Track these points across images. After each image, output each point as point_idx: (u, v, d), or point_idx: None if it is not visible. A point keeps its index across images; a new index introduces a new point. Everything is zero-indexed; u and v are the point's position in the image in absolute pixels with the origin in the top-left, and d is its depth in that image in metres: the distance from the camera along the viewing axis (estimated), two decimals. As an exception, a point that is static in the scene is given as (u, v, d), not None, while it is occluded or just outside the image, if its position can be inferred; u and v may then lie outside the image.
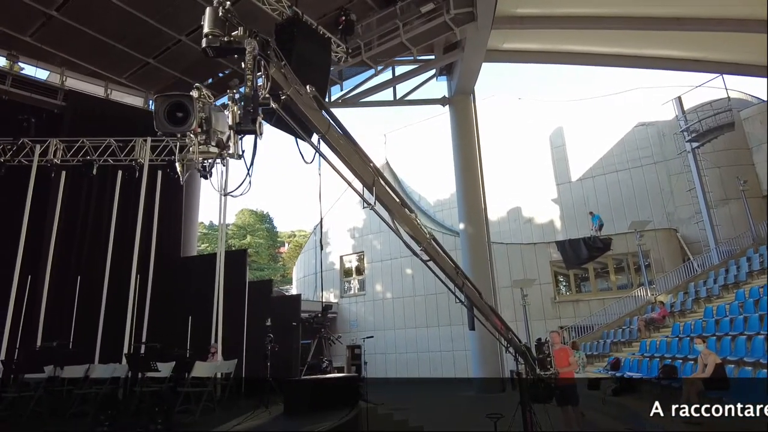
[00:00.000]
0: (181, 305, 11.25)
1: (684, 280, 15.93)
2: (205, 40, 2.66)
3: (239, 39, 2.70)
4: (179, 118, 2.75)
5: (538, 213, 22.39)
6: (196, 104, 2.80)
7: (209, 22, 2.67)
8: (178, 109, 2.77)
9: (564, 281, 20.19)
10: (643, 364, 10.92)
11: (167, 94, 2.81)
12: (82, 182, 12.04)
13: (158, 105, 2.81)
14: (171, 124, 2.80)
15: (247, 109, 2.68)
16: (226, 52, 2.74)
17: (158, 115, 2.78)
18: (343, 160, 3.58)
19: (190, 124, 2.75)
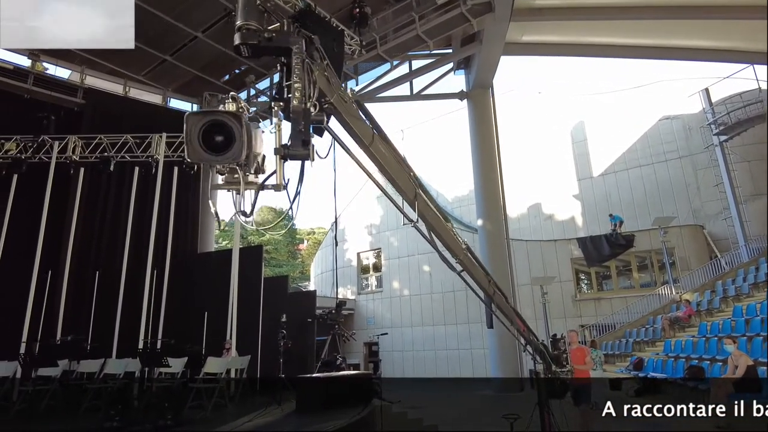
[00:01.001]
0: (197, 301, 11.28)
1: (711, 278, 15.41)
2: (239, 35, 2.15)
3: (281, 35, 2.19)
4: (219, 144, 2.12)
5: (559, 209, 21.94)
6: (242, 124, 2.16)
7: (244, 12, 2.17)
8: (217, 131, 2.13)
9: (585, 279, 19.75)
10: (667, 365, 10.58)
11: (202, 112, 2.15)
12: (100, 179, 12.15)
13: (190, 125, 2.11)
14: (209, 151, 2.12)
15: (298, 128, 2.09)
16: (265, 51, 2.22)
17: (191, 138, 2.12)
18: (386, 173, 3.08)
19: (234, 152, 2.11)
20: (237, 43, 2.15)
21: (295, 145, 2.14)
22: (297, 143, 2.13)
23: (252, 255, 12.19)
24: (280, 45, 2.19)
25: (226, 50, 13.58)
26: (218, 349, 9.86)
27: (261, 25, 2.19)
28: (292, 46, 2.19)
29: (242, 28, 2.16)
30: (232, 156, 2.14)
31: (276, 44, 2.19)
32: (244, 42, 2.14)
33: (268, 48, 2.21)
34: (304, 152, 2.14)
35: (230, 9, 12.06)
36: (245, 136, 2.13)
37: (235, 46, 2.15)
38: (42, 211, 11.04)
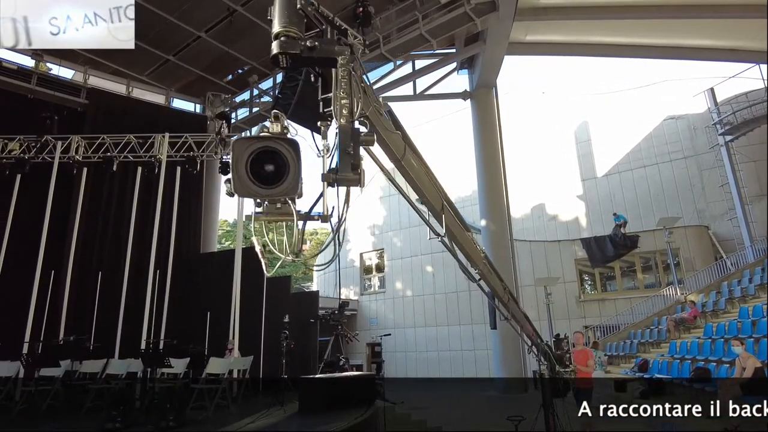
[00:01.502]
0: (199, 301, 11.26)
1: (716, 279, 15.28)
2: (278, 43, 1.85)
3: (325, 43, 1.91)
4: (269, 175, 1.83)
5: (563, 210, 21.85)
6: (298, 152, 1.89)
7: (283, 17, 1.87)
8: (267, 159, 1.86)
9: (589, 280, 19.65)
10: (673, 366, 10.49)
11: (252, 137, 1.88)
12: (103, 179, 12.16)
13: (237, 153, 1.84)
14: (259, 184, 1.84)
15: (347, 150, 1.84)
16: (307, 62, 1.95)
17: (237, 169, 1.82)
18: (414, 185, 2.90)
19: (289, 186, 1.83)
20: (276, 53, 1.85)
21: (344, 170, 1.86)
22: (346, 168, 1.85)
23: (254, 255, 12.15)
24: (325, 55, 1.91)
25: (229, 50, 13.58)
26: (221, 350, 9.83)
27: (301, 31, 1.91)
28: (338, 56, 1.91)
29: (281, 36, 1.87)
30: (286, 190, 1.83)
31: (321, 54, 1.90)
32: (284, 51, 1.84)
33: (310, 59, 1.92)
34: (354, 178, 1.86)
35: (233, 9, 12.06)
36: (300, 166, 1.83)
37: (273, 56, 1.86)
38: (45, 211, 11.04)
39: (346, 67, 1.92)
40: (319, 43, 1.91)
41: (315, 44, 1.90)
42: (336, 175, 1.88)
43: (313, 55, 1.91)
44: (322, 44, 1.92)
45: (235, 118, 15.31)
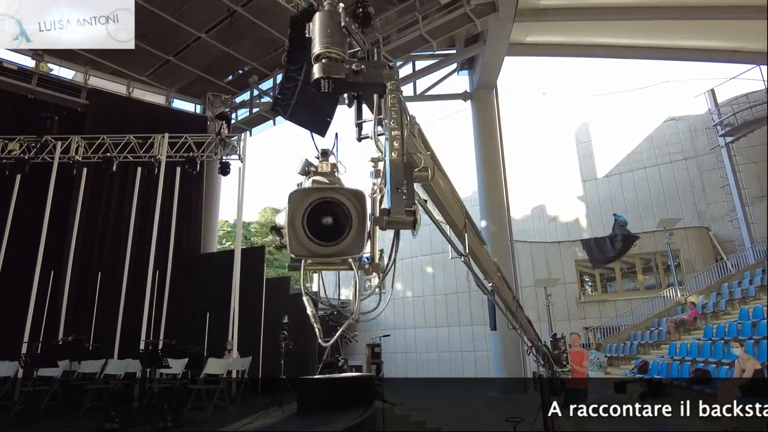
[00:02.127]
0: (199, 301, 11.26)
1: (717, 280, 15.26)
2: (320, 67, 1.64)
3: (371, 66, 1.72)
4: (328, 229, 1.58)
5: (563, 211, 21.82)
6: (364, 205, 1.67)
7: (326, 36, 1.66)
8: (326, 211, 1.61)
9: (589, 281, 19.62)
10: (672, 368, 10.47)
11: (312, 189, 1.65)
12: (103, 179, 12.18)
13: (294, 205, 1.59)
14: (317, 240, 1.58)
15: (400, 188, 1.59)
16: (353, 87, 1.76)
17: (293, 223, 1.56)
18: (440, 205, 2.68)
19: (352, 244, 1.61)
20: (318, 77, 1.65)
21: (397, 212, 1.61)
22: (399, 209, 1.60)
23: (254, 256, 12.17)
24: (373, 80, 1.71)
25: (229, 50, 13.59)
26: (220, 350, 9.83)
27: (345, 52, 1.71)
28: (387, 81, 1.71)
29: (322, 57, 1.66)
30: (348, 248, 1.57)
31: (368, 79, 1.70)
32: (328, 76, 1.65)
33: (357, 84, 1.71)
34: (408, 220, 1.61)
35: (233, 9, 12.06)
36: (365, 219, 1.55)
37: (315, 80, 1.66)
38: (45, 212, 11.05)
39: (396, 93, 1.71)
40: (365, 66, 1.71)
41: (361, 68, 1.70)
42: (388, 217, 1.60)
43: (359, 79, 1.70)
44: (368, 67, 1.72)
45: (235, 118, 15.33)
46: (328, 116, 7.65)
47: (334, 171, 1.88)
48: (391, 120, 1.68)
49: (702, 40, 15.82)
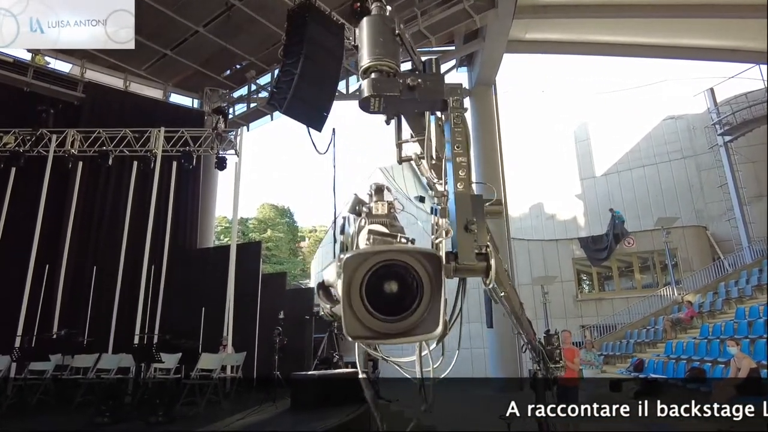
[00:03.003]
0: (194, 297, 11.21)
1: (714, 279, 15.27)
2: (369, 82, 1.36)
3: (429, 80, 1.42)
4: (393, 299, 1.22)
5: (561, 209, 21.81)
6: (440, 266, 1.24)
7: (375, 44, 1.39)
8: (390, 275, 1.24)
9: (587, 279, 19.62)
10: (668, 366, 10.46)
11: (371, 252, 1.23)
12: (99, 173, 12.12)
13: (350, 271, 1.20)
14: (380, 317, 1.21)
15: (468, 227, 1.33)
16: (409, 105, 1.47)
17: (350, 294, 1.19)
18: None
19: (424, 316, 1.21)
20: (368, 95, 1.36)
21: (466, 257, 1.32)
22: (469, 253, 1.32)
23: (250, 251, 12.14)
24: (432, 97, 1.42)
25: (226, 45, 13.51)
26: (215, 346, 9.80)
27: (398, 64, 1.43)
28: (449, 97, 1.42)
29: (371, 71, 1.38)
30: (419, 326, 1.20)
31: (426, 96, 1.40)
32: (379, 93, 1.35)
33: (412, 102, 1.41)
34: (480, 266, 1.32)
35: (231, 3, 11.98)
36: (441, 288, 1.21)
37: (364, 99, 1.37)
38: (39, 205, 10.99)
39: (460, 111, 1.41)
40: (422, 80, 1.41)
41: (417, 81, 1.40)
42: (456, 263, 1.31)
43: (415, 96, 1.40)
44: (426, 81, 1.42)
45: (232, 113, 15.26)
46: (325, 111, 7.62)
47: (391, 211, 1.54)
48: (455, 144, 1.39)
49: (701, 38, 15.79)
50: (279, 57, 9.20)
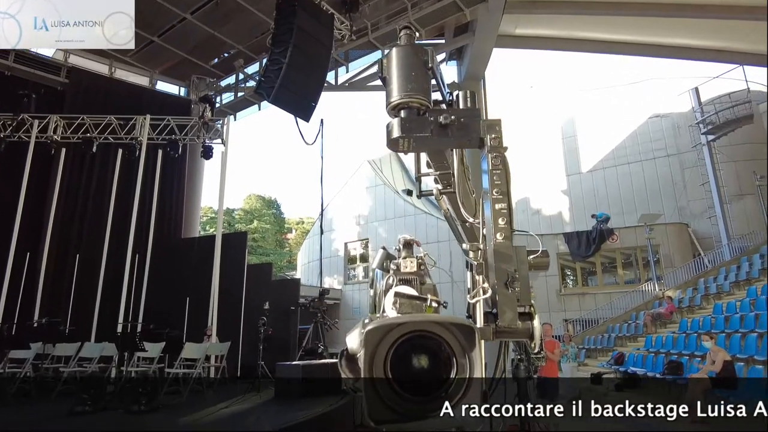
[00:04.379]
0: (179, 286, 11.13)
1: (694, 275, 15.58)
2: (398, 123, 1.24)
3: (465, 118, 1.29)
4: (423, 375, 1.08)
5: (547, 204, 22.01)
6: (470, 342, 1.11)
7: (407, 79, 1.27)
8: (420, 349, 1.09)
9: (571, 274, 19.86)
10: (647, 360, 10.67)
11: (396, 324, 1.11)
12: (83, 160, 11.95)
13: (371, 345, 1.09)
14: (408, 396, 1.07)
15: (509, 284, 1.18)
16: (442, 145, 1.35)
17: (372, 375, 1.06)
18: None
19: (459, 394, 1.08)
20: (397, 136, 1.22)
21: (508, 319, 1.17)
22: (511, 315, 1.16)
23: (236, 241, 12.07)
24: (467, 138, 1.29)
25: (214, 32, 13.34)
26: (199, 336, 9.77)
27: (430, 100, 1.29)
28: (486, 135, 1.29)
29: (401, 108, 1.24)
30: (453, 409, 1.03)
31: (461, 135, 1.26)
32: (408, 135, 1.21)
33: (444, 141, 1.26)
34: (524, 329, 1.18)
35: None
36: (477, 361, 1.06)
37: (393, 140, 1.23)
38: (20, 191, 10.80)
39: (500, 151, 1.27)
40: (456, 116, 1.26)
41: (451, 119, 1.25)
42: (497, 326, 1.18)
43: (448, 135, 1.25)
44: (460, 118, 1.26)
45: (219, 102, 15.11)
46: (313, 101, 7.58)
47: (421, 268, 1.43)
48: (494, 188, 1.24)
49: (688, 38, 15.96)
50: (267, 46, 9.11)
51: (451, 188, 1.70)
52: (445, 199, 1.62)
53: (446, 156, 1.58)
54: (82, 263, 11.12)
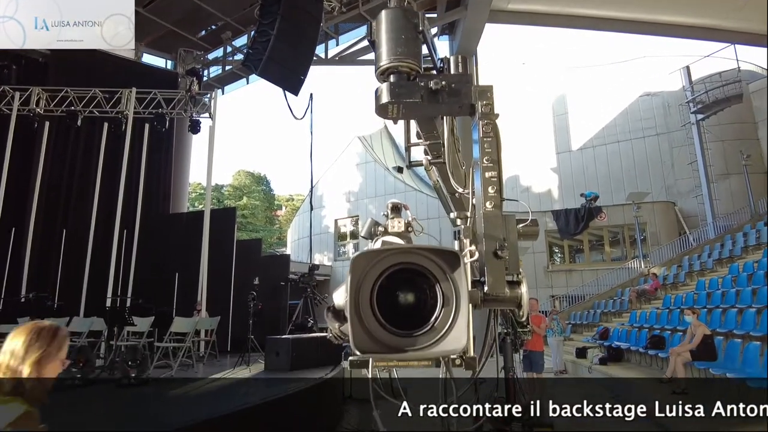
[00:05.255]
0: (168, 262, 11.12)
1: (679, 253, 15.85)
2: (388, 88, 1.21)
3: (456, 83, 1.25)
4: (408, 311, 1.11)
5: (537, 182, 22.09)
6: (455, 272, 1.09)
7: (397, 42, 1.23)
8: (406, 285, 1.13)
9: (558, 251, 20.10)
10: (631, 335, 10.90)
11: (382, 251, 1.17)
12: (67, 134, 11.72)
13: (358, 277, 1.08)
14: (394, 331, 1.08)
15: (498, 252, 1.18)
16: (432, 111, 1.32)
17: (359, 305, 1.07)
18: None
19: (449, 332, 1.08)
20: (386, 102, 1.19)
21: (496, 287, 1.16)
22: (499, 283, 1.17)
23: (225, 217, 12.04)
24: (458, 103, 1.25)
25: (201, 4, 13.02)
26: (189, 310, 9.80)
27: (420, 65, 1.26)
28: (478, 101, 1.24)
29: (390, 72, 1.21)
30: (438, 341, 1.05)
31: (451, 102, 1.23)
32: (398, 100, 1.18)
33: (436, 108, 1.24)
34: (512, 297, 1.18)
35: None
36: (462, 295, 1.06)
37: (382, 106, 1.20)
38: (3, 165, 10.61)
39: (492, 118, 1.24)
40: (446, 82, 1.23)
41: (441, 84, 1.22)
42: (484, 294, 1.18)
43: (438, 101, 1.23)
44: (450, 84, 1.24)
45: (207, 75, 14.83)
46: (302, 74, 7.46)
47: (408, 231, 1.42)
48: (484, 156, 1.23)
49: (680, 15, 15.86)
50: (255, 17, 8.91)
51: (441, 159, 1.64)
52: (435, 170, 1.59)
53: (436, 125, 1.55)
54: (69, 238, 11.03)
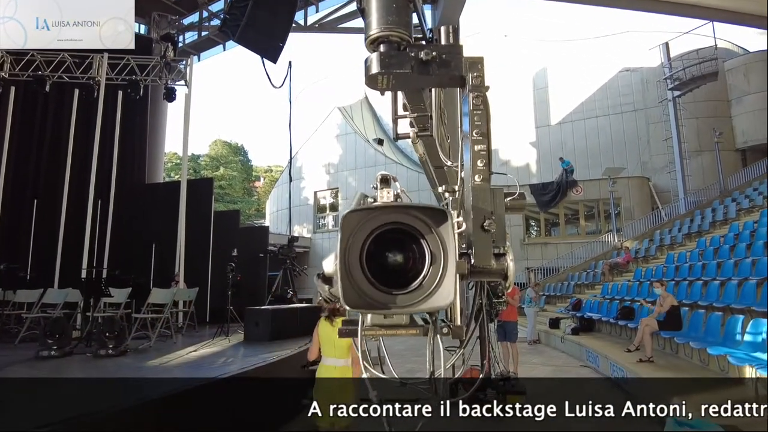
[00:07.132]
0: (144, 232, 10.97)
1: (651, 227, 16.29)
2: (377, 58, 1.18)
3: (446, 54, 1.24)
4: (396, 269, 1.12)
5: (515, 155, 22.22)
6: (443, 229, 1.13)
7: (387, 11, 1.21)
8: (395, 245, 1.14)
9: (535, 225, 20.43)
10: (603, 306, 11.25)
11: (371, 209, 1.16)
12: (35, 100, 11.28)
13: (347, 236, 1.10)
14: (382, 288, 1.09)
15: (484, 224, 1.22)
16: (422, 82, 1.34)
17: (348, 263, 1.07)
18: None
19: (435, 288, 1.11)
20: (376, 72, 1.17)
21: (483, 257, 1.22)
22: (486, 254, 1.21)
23: (202, 188, 11.86)
24: (448, 75, 1.24)
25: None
26: (166, 281, 9.73)
27: (410, 35, 1.24)
28: (468, 73, 1.26)
29: (380, 42, 1.21)
30: (425, 298, 1.07)
31: (442, 73, 1.23)
32: (388, 71, 1.18)
33: (426, 79, 1.24)
34: (498, 269, 1.24)
35: None
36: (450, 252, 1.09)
37: (371, 76, 1.18)
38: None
39: (482, 90, 1.24)
40: (437, 52, 1.22)
41: (432, 55, 1.20)
42: (471, 266, 1.19)
43: (429, 72, 1.22)
44: (441, 55, 1.23)
45: (182, 41, 14.36)
46: (281, 41, 7.27)
47: (397, 201, 1.44)
48: (474, 129, 1.22)
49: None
50: (232, -19, 8.59)
51: (428, 132, 1.64)
52: (421, 143, 1.58)
53: (424, 97, 1.52)
54: (40, 208, 10.76)
